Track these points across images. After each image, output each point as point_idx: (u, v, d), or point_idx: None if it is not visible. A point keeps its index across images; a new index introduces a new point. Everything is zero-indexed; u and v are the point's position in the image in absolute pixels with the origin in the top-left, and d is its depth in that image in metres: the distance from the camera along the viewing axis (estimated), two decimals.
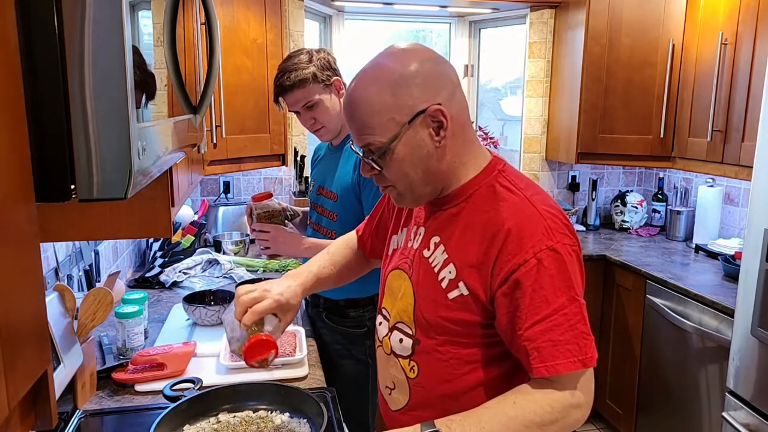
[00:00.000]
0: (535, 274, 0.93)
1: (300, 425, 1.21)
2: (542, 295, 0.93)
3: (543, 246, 0.93)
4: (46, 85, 0.54)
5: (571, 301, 0.93)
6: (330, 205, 1.85)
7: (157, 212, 0.99)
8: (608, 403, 2.95)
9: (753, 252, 1.88)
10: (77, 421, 1.29)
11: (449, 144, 1.00)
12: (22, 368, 0.49)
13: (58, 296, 1.27)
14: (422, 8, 3.41)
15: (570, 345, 0.92)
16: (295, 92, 1.74)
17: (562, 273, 0.93)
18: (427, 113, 0.96)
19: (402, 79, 0.96)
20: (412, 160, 0.99)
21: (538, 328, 0.92)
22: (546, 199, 1.02)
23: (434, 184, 1.04)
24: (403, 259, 1.14)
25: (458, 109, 1.01)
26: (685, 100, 2.82)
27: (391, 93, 0.96)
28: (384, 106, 0.96)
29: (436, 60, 1.01)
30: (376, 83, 0.97)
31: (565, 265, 0.94)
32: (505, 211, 0.99)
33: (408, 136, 0.97)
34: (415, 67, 0.97)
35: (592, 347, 0.94)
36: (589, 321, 0.96)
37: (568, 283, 0.93)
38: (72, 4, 0.54)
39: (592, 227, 3.45)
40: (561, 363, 0.92)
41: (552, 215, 0.97)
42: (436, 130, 0.98)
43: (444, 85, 0.99)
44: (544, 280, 0.93)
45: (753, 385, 1.90)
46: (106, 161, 0.58)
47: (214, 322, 1.84)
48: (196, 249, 2.63)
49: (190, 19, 1.13)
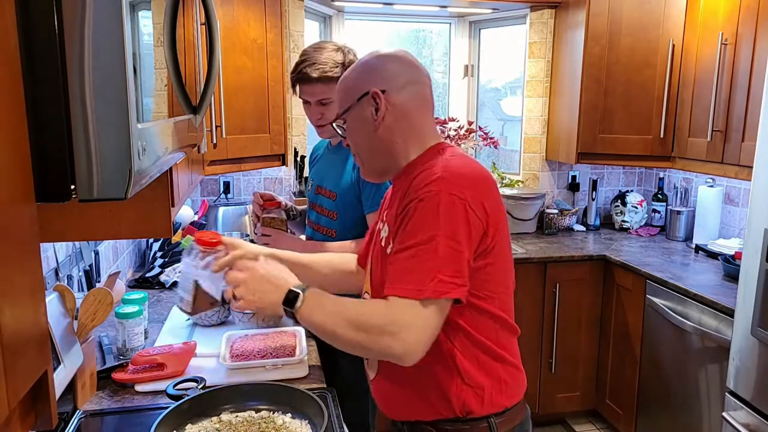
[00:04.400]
0: (413, 210, 1.07)
1: (301, 426, 1.21)
2: (413, 227, 1.06)
3: (429, 188, 1.07)
4: (46, 85, 0.54)
5: (431, 239, 1.04)
6: (329, 204, 1.86)
7: (157, 212, 0.99)
8: (608, 403, 2.95)
9: (753, 252, 1.88)
10: (77, 421, 1.29)
11: (393, 126, 1.18)
12: (22, 368, 0.49)
13: (58, 296, 1.28)
14: (422, 8, 3.41)
15: (415, 275, 1.03)
16: (316, 85, 1.74)
17: (434, 212, 1.05)
18: (370, 94, 1.17)
19: (365, 68, 1.21)
20: (360, 133, 1.21)
21: (403, 254, 1.06)
22: (461, 165, 1.12)
23: (382, 159, 1.22)
24: (374, 243, 1.28)
25: (407, 100, 1.19)
26: (685, 101, 2.82)
27: (355, 77, 1.21)
28: (348, 85, 1.22)
29: (400, 59, 1.21)
30: (351, 70, 1.23)
31: (439, 206, 1.05)
32: (420, 168, 1.15)
33: (356, 111, 1.20)
34: (377, 61, 1.20)
35: (434, 282, 1.02)
36: (461, 264, 1.05)
37: (436, 221, 1.04)
38: (72, 4, 0.54)
39: (592, 227, 3.45)
40: (402, 287, 1.03)
41: (452, 174, 1.09)
42: (375, 110, 1.17)
43: (396, 77, 1.18)
44: (419, 215, 1.06)
45: (753, 385, 1.90)
46: (106, 161, 0.58)
47: (214, 322, 1.84)
48: None
49: (190, 19, 1.13)
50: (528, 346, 2.93)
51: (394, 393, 1.22)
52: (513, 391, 1.21)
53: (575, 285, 2.92)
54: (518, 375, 1.24)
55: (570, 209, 3.44)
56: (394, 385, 1.22)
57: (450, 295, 1.03)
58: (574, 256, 2.90)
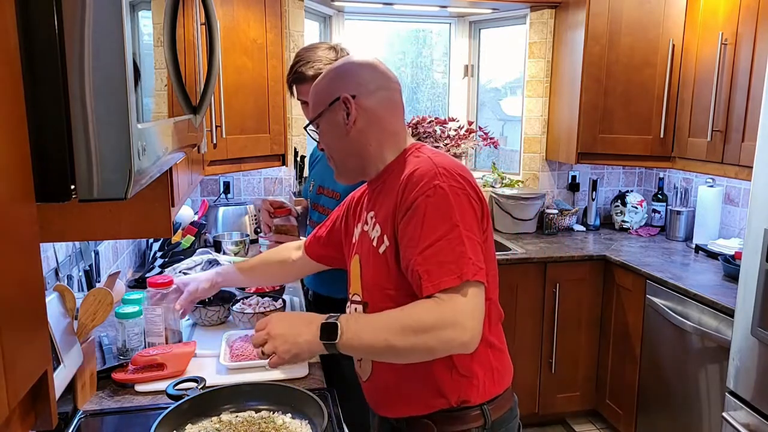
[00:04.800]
0: (424, 207, 1.08)
1: (301, 426, 1.21)
2: (430, 224, 1.07)
3: (432, 184, 1.09)
4: (46, 85, 0.54)
5: (452, 228, 1.07)
6: (332, 204, 1.86)
7: (157, 212, 0.99)
8: (608, 403, 2.95)
9: (753, 252, 1.88)
10: (77, 421, 1.29)
11: (365, 130, 1.21)
12: (22, 368, 0.49)
13: (58, 296, 1.27)
14: (422, 8, 3.41)
15: (451, 264, 1.05)
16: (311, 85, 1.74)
17: (446, 205, 1.08)
18: (341, 99, 1.20)
19: (337, 74, 1.23)
20: (333, 136, 1.23)
21: (429, 252, 1.06)
22: (446, 160, 1.16)
23: (356, 162, 1.25)
24: (357, 245, 1.30)
25: (377, 105, 1.21)
26: (685, 101, 2.82)
27: (326, 83, 1.24)
28: (320, 90, 1.24)
29: (371, 66, 1.23)
30: (323, 76, 1.26)
31: (449, 198, 1.08)
32: (409, 168, 1.17)
33: (328, 115, 1.22)
34: (348, 68, 1.23)
35: (469, 265, 1.05)
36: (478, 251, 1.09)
37: (451, 212, 1.08)
38: (72, 4, 0.54)
39: (592, 227, 3.45)
40: (444, 279, 1.04)
41: (446, 168, 1.12)
42: (346, 115, 1.20)
43: (367, 83, 1.21)
44: (432, 211, 1.08)
45: (753, 385, 1.90)
46: (106, 161, 0.58)
47: (214, 322, 1.84)
48: (196, 249, 2.62)
49: (190, 19, 1.13)
50: (528, 346, 2.93)
51: (390, 392, 1.23)
52: (503, 378, 1.25)
53: (575, 285, 2.92)
54: (506, 360, 1.27)
55: (570, 209, 3.44)
56: (390, 384, 1.23)
57: (480, 276, 1.06)
58: (574, 256, 2.90)
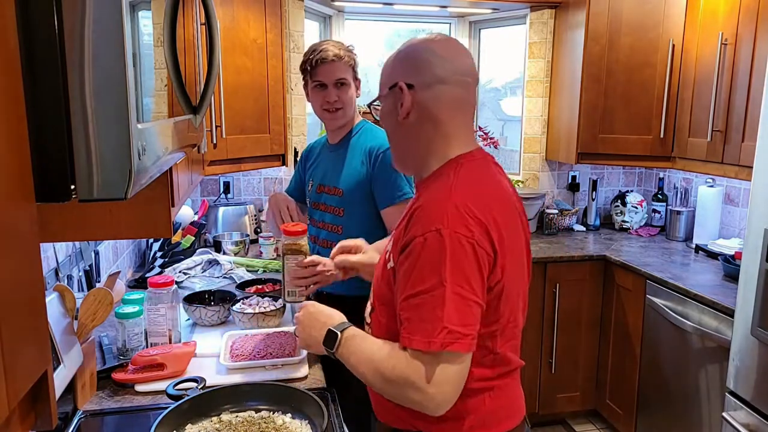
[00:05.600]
0: (419, 250, 0.99)
1: (301, 426, 1.21)
2: (420, 272, 0.99)
3: (434, 227, 0.99)
4: (46, 85, 0.54)
5: (437, 286, 0.97)
6: (334, 201, 1.86)
7: (157, 212, 0.99)
8: (608, 403, 2.95)
9: (753, 252, 1.88)
10: (77, 421, 1.29)
11: (416, 126, 1.11)
12: (22, 368, 0.49)
13: (58, 296, 1.27)
14: (422, 8, 3.41)
15: (426, 324, 0.97)
16: (335, 64, 1.79)
17: (440, 256, 0.97)
18: (397, 87, 1.10)
19: (404, 55, 1.13)
20: (387, 123, 1.16)
21: (412, 301, 1.00)
22: (469, 192, 1.04)
23: (406, 159, 1.18)
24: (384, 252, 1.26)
25: (434, 101, 1.09)
26: (685, 100, 2.82)
27: (392, 64, 1.14)
28: (386, 70, 1.15)
29: (441, 54, 1.10)
30: (395, 54, 1.15)
31: (446, 249, 0.97)
32: (429, 192, 1.08)
33: (387, 100, 1.14)
34: (414, 51, 1.12)
35: (442, 335, 0.96)
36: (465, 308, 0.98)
37: (442, 267, 0.97)
38: (72, 4, 0.54)
39: (592, 227, 3.45)
40: (415, 339, 0.98)
41: (459, 207, 1.00)
42: (398, 105, 1.11)
43: (427, 73, 1.09)
44: (424, 259, 0.99)
45: (753, 385, 1.90)
46: (106, 161, 0.58)
47: (214, 322, 1.84)
48: (196, 249, 2.63)
49: (190, 19, 1.13)
50: (528, 346, 2.92)
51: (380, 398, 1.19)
52: (501, 420, 1.15)
53: (575, 285, 2.92)
54: (508, 403, 1.16)
55: (570, 209, 3.44)
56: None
57: (454, 348, 0.96)
58: (574, 256, 2.90)
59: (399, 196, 1.77)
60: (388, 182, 1.77)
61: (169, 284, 1.62)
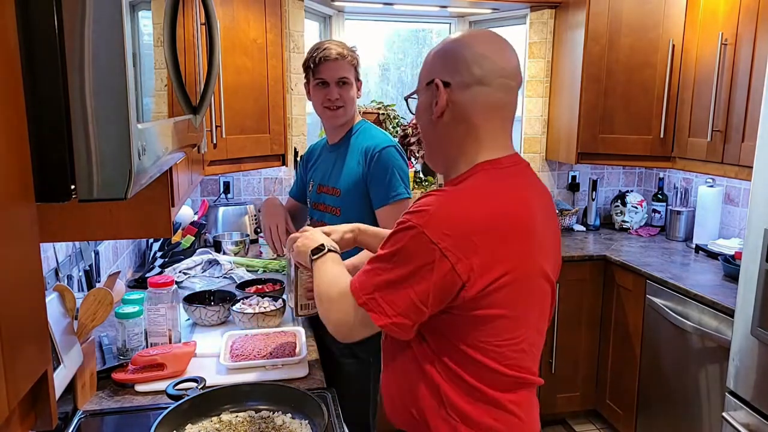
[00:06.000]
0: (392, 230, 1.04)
1: (301, 426, 1.21)
2: (383, 243, 1.05)
3: (408, 218, 1.01)
4: (46, 85, 0.54)
5: (386, 261, 1.02)
6: (332, 201, 1.87)
7: (157, 212, 0.99)
8: (608, 403, 2.95)
9: (753, 252, 1.88)
10: (77, 421, 1.29)
11: (450, 127, 1.08)
12: (22, 368, 0.49)
13: (58, 296, 1.27)
14: (422, 8, 3.41)
15: (363, 278, 1.05)
16: (338, 62, 1.80)
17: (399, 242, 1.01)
18: (434, 83, 1.07)
19: (445, 51, 1.08)
20: (422, 119, 1.13)
21: (369, 263, 1.06)
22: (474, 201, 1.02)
23: (436, 156, 1.15)
24: None
25: (471, 102, 1.05)
26: (685, 101, 2.82)
27: (432, 59, 1.10)
28: (427, 65, 1.11)
29: (483, 51, 1.05)
30: (437, 48, 1.11)
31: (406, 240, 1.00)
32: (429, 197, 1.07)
33: (423, 96, 1.11)
34: (455, 47, 1.07)
35: (366, 297, 1.03)
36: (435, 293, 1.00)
37: (396, 252, 1.01)
38: (72, 4, 0.54)
39: (592, 227, 3.45)
40: (354, 280, 1.07)
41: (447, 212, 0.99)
42: (433, 102, 1.08)
43: (465, 72, 1.05)
44: (391, 236, 1.04)
45: (753, 385, 1.90)
46: (106, 161, 0.58)
47: (214, 322, 1.84)
48: (196, 249, 2.63)
49: (190, 19, 1.13)
50: None
51: (388, 394, 1.20)
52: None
53: (575, 285, 2.92)
54: (519, 425, 1.10)
55: (570, 209, 3.44)
56: (392, 385, 1.19)
57: (372, 317, 1.01)
58: (574, 256, 2.90)
59: (393, 197, 1.77)
60: (383, 182, 1.77)
61: (169, 284, 1.62)
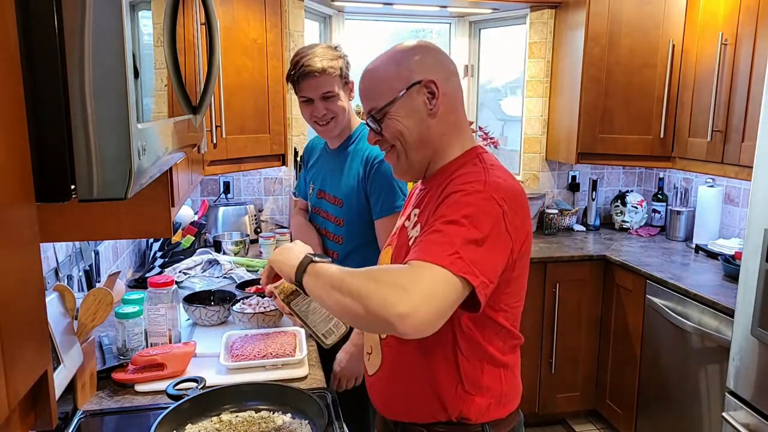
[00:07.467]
0: (451, 199, 1.05)
1: (301, 426, 1.21)
2: (444, 210, 1.03)
3: (472, 185, 1.05)
4: (46, 85, 0.54)
5: (458, 221, 1.00)
6: (335, 211, 1.85)
7: (157, 212, 0.99)
8: (608, 403, 2.95)
9: (753, 252, 1.88)
10: (77, 421, 1.29)
11: (441, 116, 1.15)
12: (22, 368, 0.49)
13: (58, 296, 1.27)
14: (422, 8, 3.41)
15: (436, 247, 0.98)
16: (319, 78, 1.71)
17: (470, 202, 1.03)
18: (422, 83, 1.12)
19: (404, 55, 1.15)
20: (407, 123, 1.14)
21: (426, 233, 1.03)
22: (504, 175, 1.12)
23: (425, 152, 1.17)
24: (394, 237, 1.27)
25: (452, 92, 1.17)
26: (685, 101, 2.82)
27: (395, 65, 1.15)
28: (387, 75, 1.15)
29: (436, 50, 1.19)
30: (384, 58, 1.17)
31: (477, 201, 1.03)
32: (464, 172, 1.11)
33: (403, 101, 1.13)
34: (416, 50, 1.16)
35: (451, 258, 0.96)
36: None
37: (469, 209, 1.01)
38: (72, 4, 0.54)
39: (592, 227, 3.45)
40: (419, 256, 0.98)
41: (499, 183, 1.07)
42: (429, 99, 1.13)
43: (440, 68, 1.15)
44: (454, 200, 1.04)
45: (753, 385, 1.90)
46: (106, 161, 0.58)
47: (214, 322, 1.84)
48: (196, 249, 2.63)
49: (190, 19, 1.13)
50: (528, 346, 2.92)
51: (393, 391, 1.22)
52: (510, 402, 1.21)
53: (575, 285, 2.92)
54: (517, 385, 1.24)
55: (570, 209, 3.44)
56: (394, 383, 1.21)
57: (468, 277, 0.96)
58: (574, 256, 2.90)
59: (393, 208, 1.73)
60: (383, 193, 1.73)
61: (169, 284, 1.62)
